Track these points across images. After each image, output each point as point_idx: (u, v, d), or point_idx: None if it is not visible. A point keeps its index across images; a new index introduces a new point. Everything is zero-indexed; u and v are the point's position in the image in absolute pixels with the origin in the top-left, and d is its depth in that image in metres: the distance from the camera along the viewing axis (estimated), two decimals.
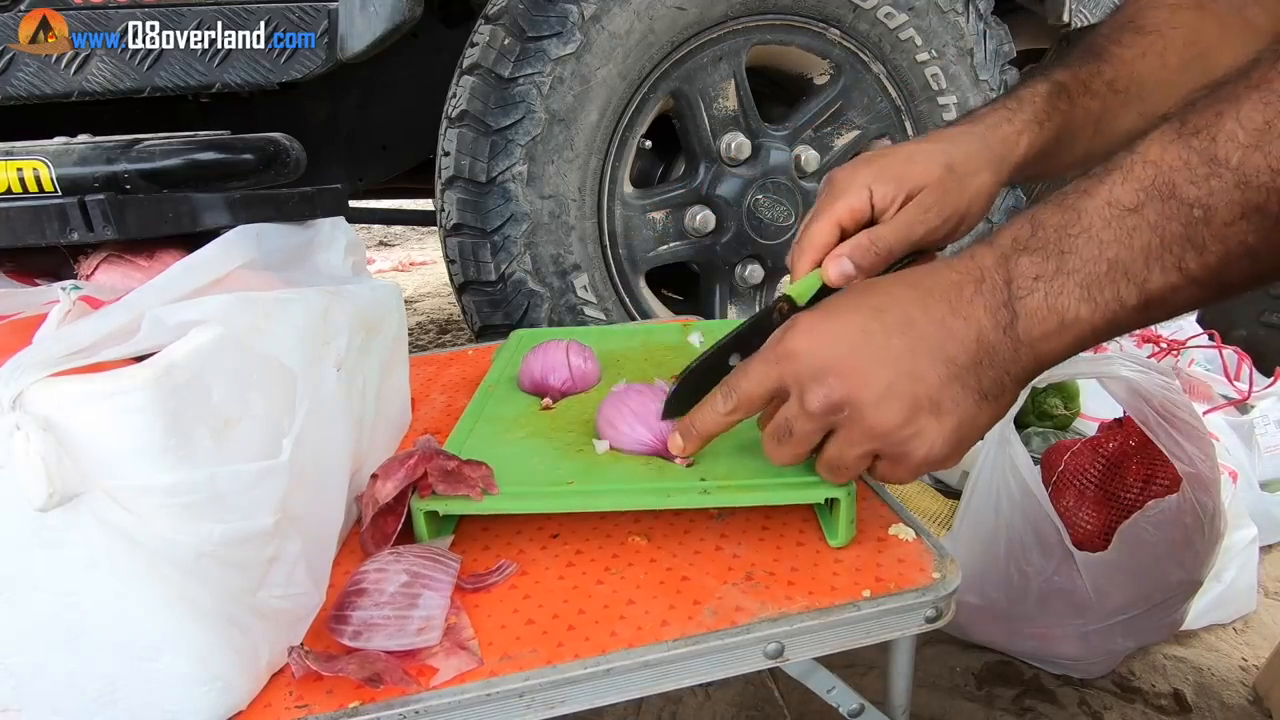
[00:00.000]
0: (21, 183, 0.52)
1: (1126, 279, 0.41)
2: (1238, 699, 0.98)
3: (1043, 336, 0.45)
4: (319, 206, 0.63)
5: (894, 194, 0.60)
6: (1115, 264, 0.41)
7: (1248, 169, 0.36)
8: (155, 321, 0.42)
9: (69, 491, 0.37)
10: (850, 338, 0.48)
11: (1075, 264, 0.43)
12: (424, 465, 0.56)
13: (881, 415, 0.47)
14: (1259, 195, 0.36)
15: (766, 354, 0.51)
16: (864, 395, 0.47)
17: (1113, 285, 0.42)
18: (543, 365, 0.74)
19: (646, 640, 0.48)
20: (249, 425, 0.44)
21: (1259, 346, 1.54)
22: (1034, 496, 0.92)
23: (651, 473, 0.58)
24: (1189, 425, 0.92)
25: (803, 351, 0.49)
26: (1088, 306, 0.43)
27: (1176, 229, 0.39)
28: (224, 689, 0.44)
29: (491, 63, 1.27)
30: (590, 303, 1.39)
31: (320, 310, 0.53)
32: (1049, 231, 0.44)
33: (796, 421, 0.50)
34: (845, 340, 0.48)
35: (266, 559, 0.46)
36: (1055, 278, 0.43)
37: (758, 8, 1.39)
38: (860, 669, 1.01)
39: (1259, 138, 0.36)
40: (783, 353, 0.50)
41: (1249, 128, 0.36)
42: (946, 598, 0.51)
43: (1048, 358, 0.46)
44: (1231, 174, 0.37)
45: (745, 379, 0.52)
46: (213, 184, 0.56)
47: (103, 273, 0.56)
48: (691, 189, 1.46)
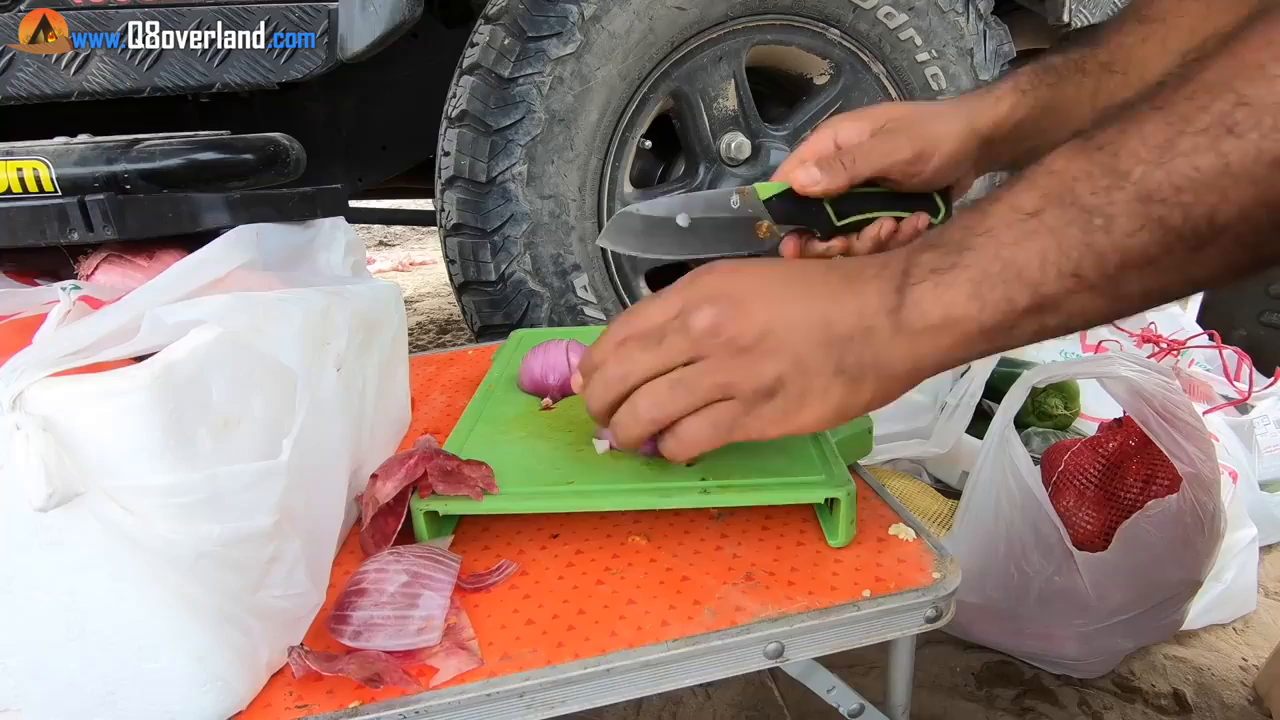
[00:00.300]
0: (21, 183, 0.52)
1: (1019, 280, 0.42)
2: (1238, 699, 0.98)
3: (924, 330, 0.45)
4: (319, 206, 0.63)
5: (859, 132, 0.64)
6: (1010, 264, 0.42)
7: (1149, 184, 0.37)
8: (155, 321, 0.42)
9: (69, 492, 0.37)
10: (750, 280, 0.50)
11: (971, 260, 0.43)
12: (424, 465, 0.56)
13: (749, 346, 0.48)
14: (1162, 209, 0.37)
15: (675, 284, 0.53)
16: (741, 325, 0.48)
17: (1005, 285, 0.42)
18: (543, 365, 0.74)
19: (646, 640, 0.48)
20: (248, 425, 0.44)
21: (1259, 346, 1.54)
22: (1034, 496, 0.92)
23: (651, 473, 0.58)
24: (1189, 425, 0.92)
25: (703, 280, 0.51)
26: (976, 304, 0.43)
27: (1075, 234, 0.40)
28: (223, 689, 0.44)
29: (491, 63, 1.27)
30: (590, 303, 1.39)
31: (320, 310, 0.53)
32: (955, 231, 0.45)
33: (670, 333, 0.50)
34: (744, 280, 0.50)
35: (266, 559, 0.46)
36: (949, 272, 0.44)
37: (758, 8, 1.39)
38: (860, 669, 1.01)
39: (1160, 155, 0.37)
40: (687, 280, 0.52)
41: (1150, 145, 0.38)
42: (947, 598, 0.51)
43: (925, 358, 0.46)
44: (1133, 187, 0.38)
45: (651, 302, 0.52)
46: (213, 184, 0.56)
47: (103, 273, 0.56)
48: (691, 189, 1.46)
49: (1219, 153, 0.36)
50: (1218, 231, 0.37)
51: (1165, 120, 0.37)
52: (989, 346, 0.45)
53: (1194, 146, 0.36)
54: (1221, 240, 0.37)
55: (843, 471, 0.56)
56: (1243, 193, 0.36)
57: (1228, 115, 0.35)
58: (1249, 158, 0.35)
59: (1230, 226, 0.37)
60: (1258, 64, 0.35)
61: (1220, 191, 0.36)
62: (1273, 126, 0.34)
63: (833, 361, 0.47)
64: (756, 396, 0.49)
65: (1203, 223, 0.37)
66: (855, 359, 0.47)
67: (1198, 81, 0.37)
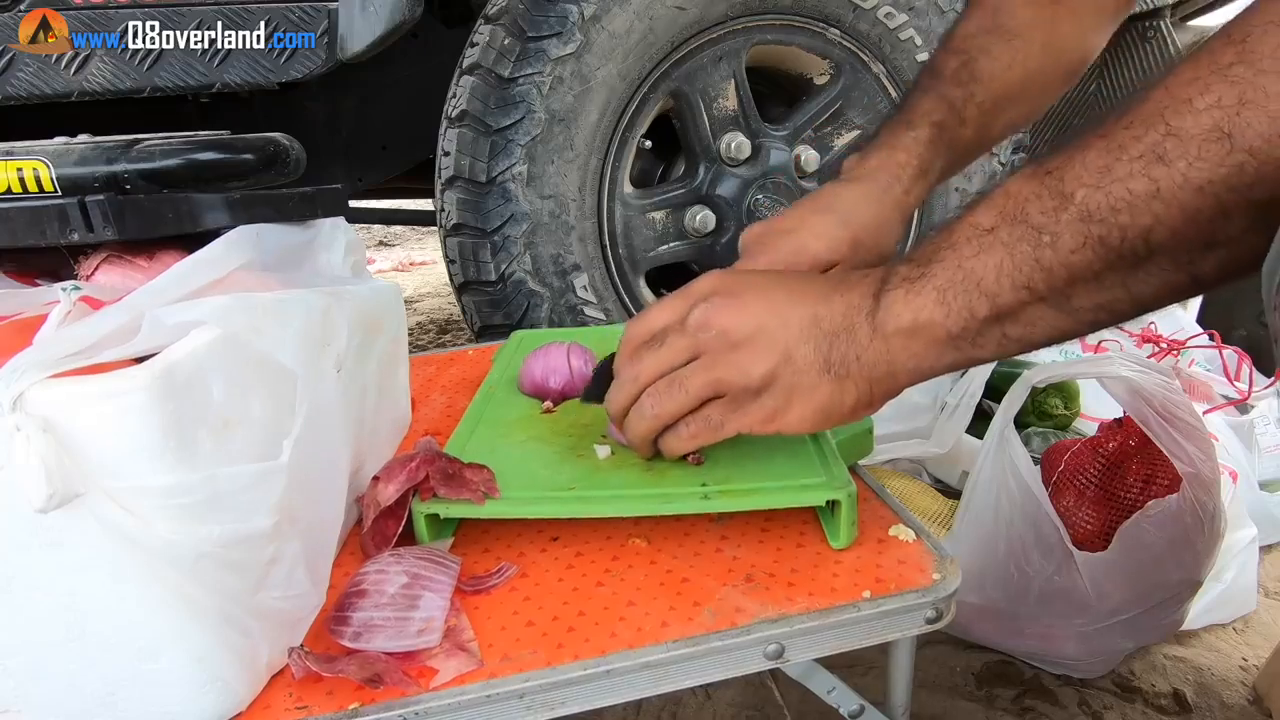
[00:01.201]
0: (21, 183, 0.52)
1: (979, 290, 0.45)
2: (1238, 699, 0.98)
3: (896, 332, 0.48)
4: (319, 206, 0.63)
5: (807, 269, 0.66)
6: (970, 275, 0.45)
7: (1090, 205, 0.41)
8: (155, 322, 0.42)
9: (69, 492, 0.37)
10: (748, 280, 0.55)
11: (937, 270, 0.47)
12: (426, 468, 0.56)
13: (742, 340, 0.51)
14: (1101, 228, 0.41)
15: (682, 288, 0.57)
16: (736, 319, 0.52)
17: (965, 294, 0.46)
18: (544, 368, 0.74)
19: (646, 641, 0.48)
20: (248, 426, 0.44)
21: (1259, 346, 1.54)
22: (1034, 496, 0.92)
23: (653, 478, 0.58)
24: (1189, 425, 0.91)
25: (705, 280, 0.56)
26: (941, 310, 0.46)
27: (1026, 249, 0.43)
28: (223, 690, 0.44)
29: (491, 63, 1.27)
30: (590, 303, 1.39)
31: (320, 311, 0.53)
32: (927, 246, 0.48)
33: (671, 333, 0.54)
34: (742, 280, 0.55)
35: (266, 560, 0.46)
36: (918, 280, 0.48)
37: (758, 8, 1.39)
38: (860, 669, 1.01)
39: (1099, 179, 0.40)
40: (692, 283, 0.56)
41: (1092, 170, 0.41)
42: (947, 598, 0.51)
43: (899, 362, 0.49)
44: (1075, 208, 0.41)
45: (659, 305, 0.56)
46: (213, 184, 0.56)
47: (103, 273, 0.56)
48: (691, 189, 1.46)
49: (1151, 178, 0.39)
50: (1153, 250, 0.40)
51: (1106, 148, 0.41)
52: (958, 355, 0.48)
53: (1129, 172, 0.39)
54: (1158, 259, 0.40)
55: (843, 473, 0.56)
56: (1172, 215, 0.39)
57: (1158, 144, 0.38)
58: (1176, 184, 0.38)
59: (1164, 246, 0.40)
60: (1185, 98, 0.38)
61: (1152, 214, 0.39)
62: (1197, 155, 0.37)
63: (821, 356, 0.50)
64: (746, 394, 0.52)
65: (1139, 242, 0.40)
66: (840, 356, 0.50)
67: (1135, 113, 0.40)
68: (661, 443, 0.56)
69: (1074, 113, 2.05)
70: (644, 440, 0.56)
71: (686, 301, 0.54)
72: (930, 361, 0.49)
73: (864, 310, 0.49)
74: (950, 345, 0.47)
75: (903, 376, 0.50)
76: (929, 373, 0.49)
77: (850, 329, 0.50)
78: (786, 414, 0.51)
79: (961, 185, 1.59)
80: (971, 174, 1.59)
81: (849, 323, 0.50)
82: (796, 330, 0.51)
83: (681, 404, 0.53)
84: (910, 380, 0.50)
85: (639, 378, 0.55)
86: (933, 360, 0.49)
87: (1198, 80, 0.38)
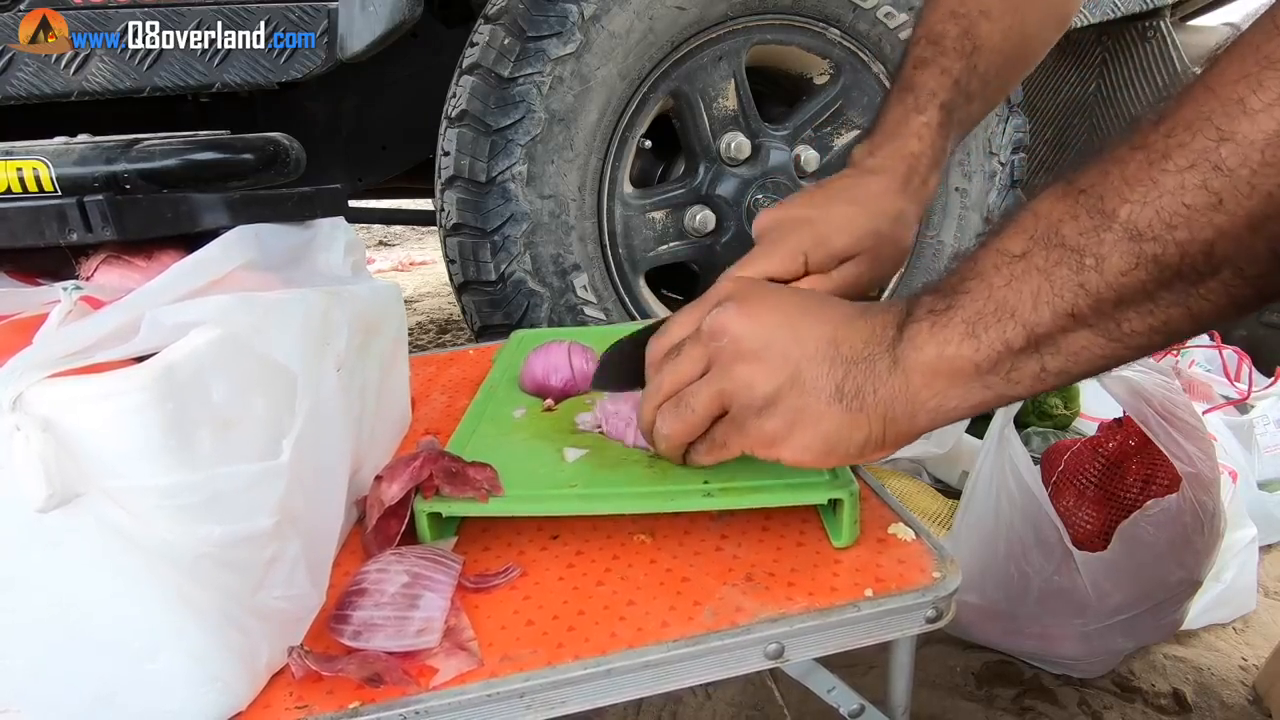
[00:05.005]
0: (21, 183, 0.52)
1: (1013, 319, 0.42)
2: (1238, 699, 0.98)
3: (918, 367, 0.45)
4: (319, 206, 0.63)
5: (826, 260, 0.64)
6: (1002, 305, 0.42)
7: (1140, 222, 0.37)
8: (155, 322, 0.42)
9: (69, 492, 0.37)
10: (765, 293, 0.53)
11: (964, 302, 0.44)
12: (429, 467, 0.56)
13: (751, 352, 0.49)
14: (1155, 246, 0.37)
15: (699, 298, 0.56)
16: (748, 328, 0.50)
17: (998, 325, 0.42)
18: (545, 367, 0.74)
19: (647, 641, 0.48)
20: (248, 426, 0.44)
21: (1259, 346, 1.54)
22: (1034, 496, 0.92)
23: (654, 475, 0.58)
24: (1189, 425, 0.92)
25: (721, 288, 0.55)
26: (971, 344, 0.43)
27: (1066, 274, 0.40)
28: (223, 689, 0.44)
29: (491, 63, 1.27)
30: (590, 303, 1.39)
31: (320, 311, 0.53)
32: (952, 277, 0.45)
33: (688, 343, 0.53)
34: (759, 292, 0.54)
35: (266, 560, 0.46)
36: (944, 313, 0.44)
37: (758, 7, 1.39)
38: (860, 669, 1.01)
39: (1145, 193, 0.37)
40: (709, 291, 0.55)
41: (1134, 184, 0.38)
42: (947, 598, 0.51)
43: (920, 400, 0.46)
44: (1121, 227, 0.38)
45: (679, 315, 0.56)
46: (212, 184, 0.56)
47: (102, 273, 0.56)
48: (691, 189, 1.46)
49: (1210, 190, 0.35)
50: (1217, 265, 0.37)
51: (1147, 159, 0.37)
52: (987, 394, 0.45)
53: (1179, 184, 0.36)
54: (1222, 274, 0.37)
55: (845, 471, 0.56)
56: (1238, 226, 0.35)
57: (1211, 151, 0.35)
58: (1242, 194, 0.35)
59: (1229, 259, 0.36)
60: (1235, 98, 0.35)
61: (1215, 227, 0.36)
62: (1262, 162, 0.34)
63: (833, 382, 0.47)
64: (748, 411, 0.49)
65: (1200, 258, 0.37)
66: (855, 386, 0.47)
67: (1175, 118, 0.37)
68: (685, 458, 0.55)
69: (1074, 112, 2.05)
70: (668, 455, 0.56)
71: (703, 308, 0.53)
72: (955, 400, 0.45)
73: (886, 341, 0.46)
74: (979, 381, 0.44)
75: (922, 417, 0.46)
76: (953, 414, 0.46)
77: (870, 359, 0.47)
78: (789, 440, 0.48)
79: (962, 185, 1.59)
80: (972, 174, 1.59)
81: (869, 352, 0.47)
82: (811, 349, 0.48)
83: (690, 423, 0.52)
84: (930, 422, 0.47)
85: (655, 394, 0.54)
86: (958, 399, 0.45)
87: (1247, 78, 0.34)
